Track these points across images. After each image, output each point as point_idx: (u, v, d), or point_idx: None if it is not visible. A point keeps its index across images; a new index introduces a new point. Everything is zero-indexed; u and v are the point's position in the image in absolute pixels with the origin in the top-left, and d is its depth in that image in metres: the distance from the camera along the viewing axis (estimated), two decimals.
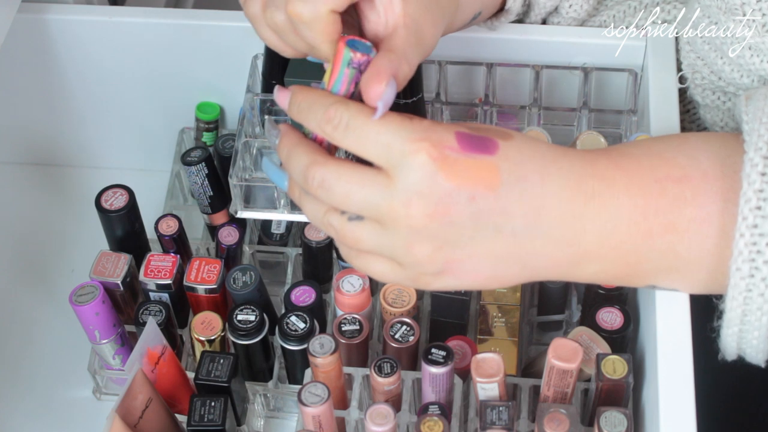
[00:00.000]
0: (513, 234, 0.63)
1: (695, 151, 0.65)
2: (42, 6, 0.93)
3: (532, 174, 0.62)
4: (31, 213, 1.04)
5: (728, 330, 0.65)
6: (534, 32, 0.89)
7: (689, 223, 0.63)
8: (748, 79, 0.77)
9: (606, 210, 0.63)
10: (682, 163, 0.64)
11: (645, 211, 0.63)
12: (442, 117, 0.87)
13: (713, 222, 0.63)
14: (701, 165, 0.64)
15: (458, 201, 0.61)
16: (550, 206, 0.63)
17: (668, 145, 0.66)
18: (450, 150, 0.61)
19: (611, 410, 0.70)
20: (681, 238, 0.63)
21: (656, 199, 0.63)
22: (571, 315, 0.86)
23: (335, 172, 0.62)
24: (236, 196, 0.82)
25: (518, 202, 0.62)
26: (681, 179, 0.63)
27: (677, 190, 0.63)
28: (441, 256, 0.63)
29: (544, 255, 0.64)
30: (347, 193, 0.62)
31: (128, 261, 0.85)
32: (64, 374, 0.93)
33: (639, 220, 0.63)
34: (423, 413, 0.73)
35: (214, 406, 0.78)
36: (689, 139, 0.66)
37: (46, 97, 1.00)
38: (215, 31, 0.92)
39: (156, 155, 1.03)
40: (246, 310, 0.82)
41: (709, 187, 0.63)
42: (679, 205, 0.63)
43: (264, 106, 0.86)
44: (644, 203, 0.63)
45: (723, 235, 0.63)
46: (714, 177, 0.63)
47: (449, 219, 0.61)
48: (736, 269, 0.62)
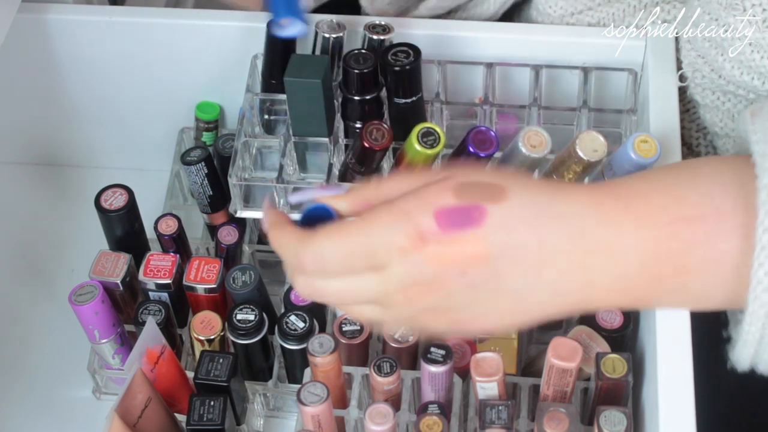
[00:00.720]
0: (515, 291, 0.61)
1: (707, 185, 0.62)
2: (42, 6, 0.93)
3: (528, 237, 0.60)
4: (31, 213, 1.04)
5: (744, 350, 0.64)
6: (534, 32, 0.89)
7: (701, 264, 0.61)
8: (748, 76, 0.77)
9: (614, 259, 0.61)
10: (694, 200, 0.61)
11: (656, 256, 0.61)
12: (442, 117, 0.87)
13: (727, 261, 0.61)
14: (714, 201, 0.61)
15: (451, 277, 0.60)
16: (552, 263, 0.61)
17: (678, 180, 0.63)
18: (430, 234, 0.60)
19: (611, 409, 0.70)
20: (693, 279, 0.62)
21: (668, 242, 0.61)
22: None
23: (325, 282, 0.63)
24: (236, 195, 0.82)
25: (515, 266, 0.60)
26: (694, 220, 0.61)
27: (690, 232, 0.61)
28: (445, 319, 0.63)
29: (551, 304, 0.62)
30: (340, 293, 0.63)
31: (128, 261, 0.85)
32: (64, 374, 0.93)
33: (649, 264, 0.61)
34: (422, 412, 0.73)
35: (214, 405, 0.78)
36: (700, 171, 0.64)
37: (46, 97, 1.00)
38: (215, 31, 0.92)
39: (156, 155, 1.03)
40: (245, 310, 0.82)
41: (722, 226, 0.61)
42: (692, 247, 0.61)
43: (264, 106, 0.86)
44: (655, 248, 0.61)
45: (736, 271, 0.61)
46: (728, 213, 0.61)
47: (446, 292, 0.61)
48: (755, 298, 0.61)
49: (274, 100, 0.86)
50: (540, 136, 0.79)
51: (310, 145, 0.82)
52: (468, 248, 0.60)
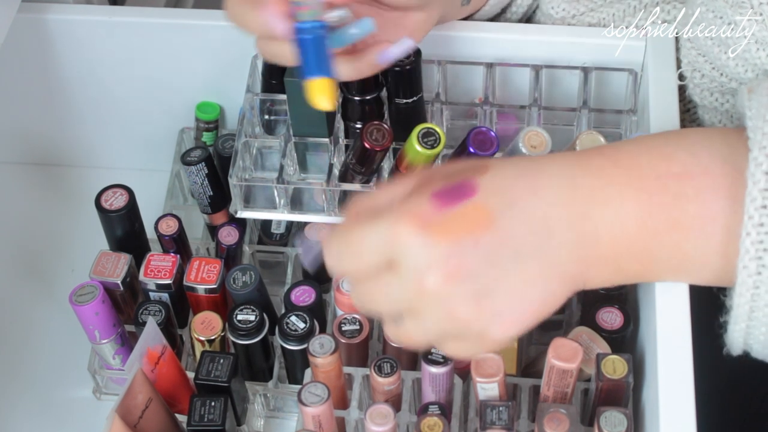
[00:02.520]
0: (534, 254, 0.62)
1: (695, 147, 0.64)
2: (42, 6, 0.93)
3: (523, 193, 0.62)
4: (31, 213, 1.04)
5: (735, 326, 0.65)
6: (534, 32, 0.89)
7: (693, 221, 0.63)
8: (752, 73, 0.77)
9: (610, 204, 0.62)
10: (682, 159, 0.63)
11: (649, 207, 0.62)
12: (442, 117, 0.87)
13: (717, 220, 0.62)
14: (702, 161, 0.63)
15: (464, 252, 0.60)
16: (555, 215, 0.62)
17: (666, 141, 0.65)
18: (430, 215, 0.60)
19: (611, 410, 0.70)
20: (687, 237, 0.63)
21: (658, 195, 0.62)
22: (571, 315, 0.86)
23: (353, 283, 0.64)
24: (236, 195, 0.82)
25: (520, 224, 0.61)
26: (681, 176, 0.62)
27: (678, 187, 0.62)
28: (484, 308, 0.62)
29: (571, 260, 0.63)
30: (375, 300, 0.63)
31: (128, 261, 0.86)
32: (64, 374, 0.93)
33: (645, 217, 0.62)
34: (423, 413, 0.73)
35: (214, 406, 0.78)
36: (689, 135, 0.66)
37: (46, 97, 1.00)
38: (215, 31, 0.92)
39: (156, 155, 1.03)
40: (246, 310, 0.82)
41: (710, 185, 0.62)
42: (682, 202, 0.62)
43: (264, 106, 0.86)
44: (647, 198, 0.62)
45: (728, 233, 0.62)
46: (716, 174, 0.62)
47: (467, 272, 0.60)
48: (743, 267, 0.62)
49: (275, 101, 0.86)
50: (540, 137, 0.79)
51: (311, 145, 0.82)
52: (470, 216, 0.61)
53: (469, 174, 0.62)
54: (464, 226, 0.60)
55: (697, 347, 0.68)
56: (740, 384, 0.91)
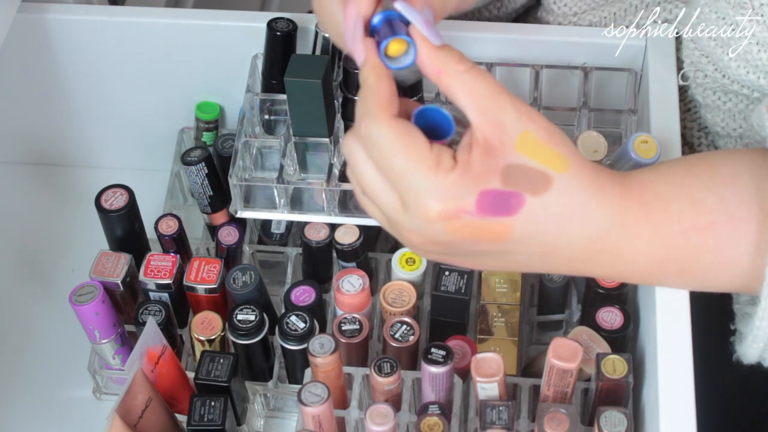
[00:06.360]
0: (516, 261, 0.65)
1: (724, 188, 0.64)
2: (42, 6, 0.93)
3: (549, 230, 0.63)
4: (31, 213, 1.04)
5: (753, 345, 0.66)
6: (534, 32, 0.89)
7: (705, 270, 0.64)
8: (754, 75, 0.77)
9: (622, 263, 0.64)
10: (710, 206, 0.63)
11: (663, 259, 0.64)
12: None
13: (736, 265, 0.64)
14: (729, 207, 0.63)
15: (460, 245, 0.63)
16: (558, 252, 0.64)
17: (698, 183, 0.65)
18: (466, 214, 0.61)
19: (611, 410, 0.70)
20: (694, 279, 0.65)
21: (677, 249, 0.64)
22: (571, 315, 0.86)
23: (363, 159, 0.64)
24: (236, 195, 0.82)
25: (526, 249, 0.63)
26: (706, 228, 0.63)
27: (700, 241, 0.63)
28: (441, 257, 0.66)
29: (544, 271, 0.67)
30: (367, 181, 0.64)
31: (128, 261, 0.85)
32: (64, 374, 0.93)
33: (653, 268, 0.64)
34: (423, 413, 0.73)
35: (214, 405, 0.78)
36: (718, 171, 0.65)
37: (46, 97, 1.00)
38: (215, 31, 0.92)
39: (156, 155, 1.03)
40: (246, 310, 0.82)
41: (733, 234, 0.63)
42: (698, 254, 0.64)
43: (264, 106, 0.86)
44: (665, 253, 0.64)
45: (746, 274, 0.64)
46: (741, 219, 0.63)
47: (452, 249, 0.64)
48: None
49: (275, 100, 0.86)
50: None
51: (311, 145, 0.82)
52: (493, 232, 0.62)
53: (527, 187, 0.61)
54: (479, 236, 0.62)
55: (697, 347, 0.68)
56: (741, 384, 0.90)
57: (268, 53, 0.87)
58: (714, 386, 0.87)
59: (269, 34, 0.86)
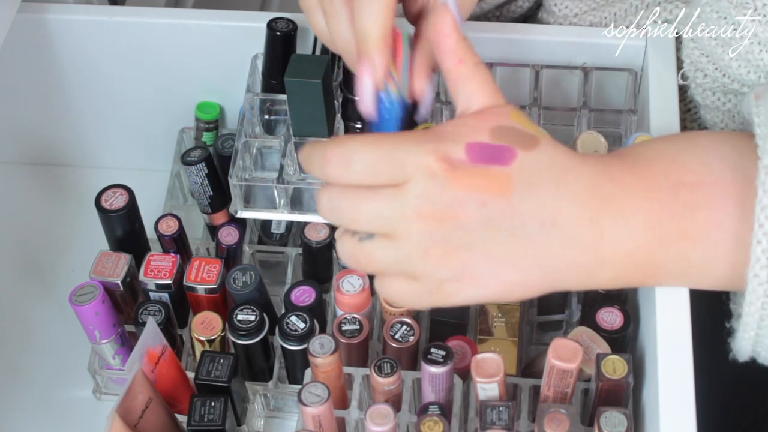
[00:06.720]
0: (529, 236, 0.63)
1: (707, 154, 0.65)
2: (42, 6, 0.93)
3: (547, 182, 0.63)
4: (31, 213, 1.04)
5: (744, 334, 0.65)
6: (534, 32, 0.89)
7: (702, 229, 0.63)
8: (755, 75, 0.77)
9: (622, 213, 0.63)
10: (694, 168, 0.64)
11: (660, 215, 0.63)
12: (442, 117, 0.87)
13: (726, 227, 0.63)
14: (713, 170, 0.64)
15: (468, 206, 0.62)
16: (566, 210, 0.63)
17: (679, 149, 0.66)
18: (458, 161, 0.62)
19: (611, 410, 0.70)
20: (694, 245, 0.64)
21: (670, 203, 0.63)
22: (571, 315, 0.86)
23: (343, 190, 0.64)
24: (236, 195, 0.82)
25: (532, 207, 0.62)
26: (693, 185, 0.63)
27: (690, 196, 0.63)
28: (456, 260, 0.63)
29: (563, 257, 0.64)
30: (355, 205, 0.63)
31: (128, 261, 0.85)
32: (64, 374, 0.93)
33: (654, 225, 0.63)
34: (423, 413, 0.73)
35: (214, 406, 0.78)
36: (700, 141, 0.66)
37: (46, 97, 1.00)
38: (215, 31, 0.92)
39: (156, 155, 1.03)
40: (246, 310, 0.82)
41: (721, 193, 0.63)
42: (692, 210, 0.63)
43: (264, 106, 0.86)
44: (659, 207, 0.63)
45: (737, 242, 0.63)
46: (726, 182, 0.63)
47: (459, 222, 0.62)
48: (754, 275, 0.62)
49: (275, 100, 0.86)
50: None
51: None
52: (492, 181, 0.62)
53: (516, 142, 0.63)
54: (482, 185, 0.62)
55: (697, 347, 0.68)
56: (741, 384, 0.91)
57: (268, 53, 0.87)
58: (714, 386, 0.87)
59: (269, 34, 0.86)
